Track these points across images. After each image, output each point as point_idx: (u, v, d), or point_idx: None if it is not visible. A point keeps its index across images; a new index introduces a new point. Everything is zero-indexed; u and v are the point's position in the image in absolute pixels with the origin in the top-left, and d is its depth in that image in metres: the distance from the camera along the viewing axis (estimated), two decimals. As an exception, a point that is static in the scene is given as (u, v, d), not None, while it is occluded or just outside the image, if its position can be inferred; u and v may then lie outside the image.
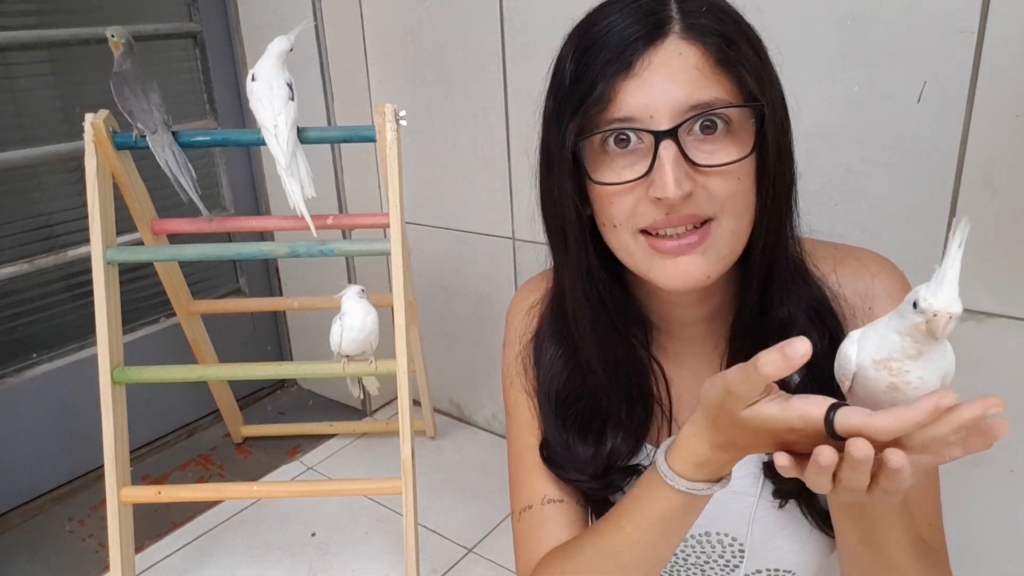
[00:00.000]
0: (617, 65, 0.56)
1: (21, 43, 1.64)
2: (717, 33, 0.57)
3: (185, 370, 1.52)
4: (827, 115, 1.22)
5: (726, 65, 0.57)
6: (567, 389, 0.72)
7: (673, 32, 0.56)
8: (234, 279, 2.15)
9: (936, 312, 0.44)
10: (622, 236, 0.61)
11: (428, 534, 1.60)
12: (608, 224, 0.61)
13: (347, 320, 1.40)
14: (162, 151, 1.34)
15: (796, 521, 0.71)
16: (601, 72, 0.56)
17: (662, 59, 0.56)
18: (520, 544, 0.76)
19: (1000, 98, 1.08)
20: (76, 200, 1.72)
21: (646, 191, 0.58)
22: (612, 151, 0.58)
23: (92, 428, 1.36)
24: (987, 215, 1.14)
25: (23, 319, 1.75)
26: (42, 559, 1.60)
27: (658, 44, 0.56)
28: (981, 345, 1.19)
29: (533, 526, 0.75)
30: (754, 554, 0.73)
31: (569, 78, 0.59)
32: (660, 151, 0.56)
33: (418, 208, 1.87)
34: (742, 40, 0.59)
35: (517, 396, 0.78)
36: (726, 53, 0.57)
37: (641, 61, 0.56)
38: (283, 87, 1.31)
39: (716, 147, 0.57)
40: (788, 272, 0.65)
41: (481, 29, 1.60)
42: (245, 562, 1.55)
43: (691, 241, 0.59)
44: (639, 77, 0.56)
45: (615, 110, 0.57)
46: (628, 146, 0.58)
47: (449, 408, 2.08)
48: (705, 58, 0.56)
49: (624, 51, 0.56)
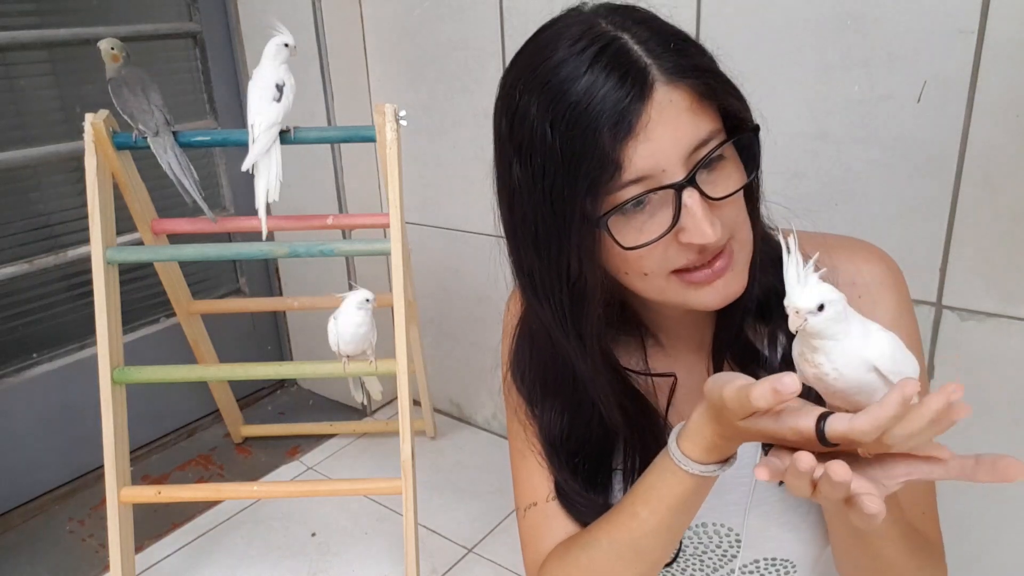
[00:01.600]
0: (618, 130, 0.54)
1: (21, 43, 1.64)
2: (692, 68, 0.57)
3: (185, 370, 1.53)
4: (827, 115, 1.22)
5: (710, 97, 0.57)
6: (573, 439, 0.73)
7: (658, 81, 0.55)
8: (234, 279, 2.15)
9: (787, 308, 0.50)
10: (654, 281, 0.61)
11: (428, 534, 1.60)
12: (636, 275, 0.61)
13: (340, 323, 1.40)
14: (164, 153, 1.34)
15: (792, 509, 0.72)
16: (606, 142, 0.55)
17: (658, 112, 0.55)
18: (527, 540, 0.77)
19: (1000, 98, 1.08)
20: (76, 200, 1.72)
21: (675, 238, 0.58)
22: (629, 211, 0.58)
23: (92, 428, 1.36)
24: (987, 215, 1.14)
25: (23, 319, 1.75)
26: (42, 559, 1.60)
27: (649, 99, 0.55)
28: (981, 345, 1.19)
29: (539, 522, 0.75)
30: (751, 543, 0.74)
31: (561, 150, 0.56)
32: (685, 200, 0.56)
33: (418, 208, 1.87)
34: (706, 61, 0.59)
35: (517, 395, 0.78)
36: (708, 86, 0.57)
37: (641, 121, 0.55)
38: (269, 88, 1.31)
39: (721, 176, 0.58)
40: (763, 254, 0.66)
41: (481, 29, 1.60)
42: (245, 562, 1.55)
43: (722, 265, 0.60)
44: (644, 137, 0.55)
45: (627, 174, 0.56)
46: (643, 203, 0.57)
47: (449, 408, 2.08)
48: (692, 97, 0.56)
49: (622, 115, 0.54)
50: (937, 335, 1.22)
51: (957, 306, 1.20)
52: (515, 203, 0.61)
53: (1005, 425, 1.18)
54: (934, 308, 1.22)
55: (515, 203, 0.61)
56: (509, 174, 0.60)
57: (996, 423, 1.17)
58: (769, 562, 0.75)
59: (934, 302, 1.22)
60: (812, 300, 0.49)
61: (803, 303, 0.49)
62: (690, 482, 0.60)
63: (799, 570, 0.76)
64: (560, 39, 0.57)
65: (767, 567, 0.76)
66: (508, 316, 0.80)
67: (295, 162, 1.87)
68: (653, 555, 0.66)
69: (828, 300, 0.49)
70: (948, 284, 1.20)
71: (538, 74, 0.57)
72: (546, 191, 0.58)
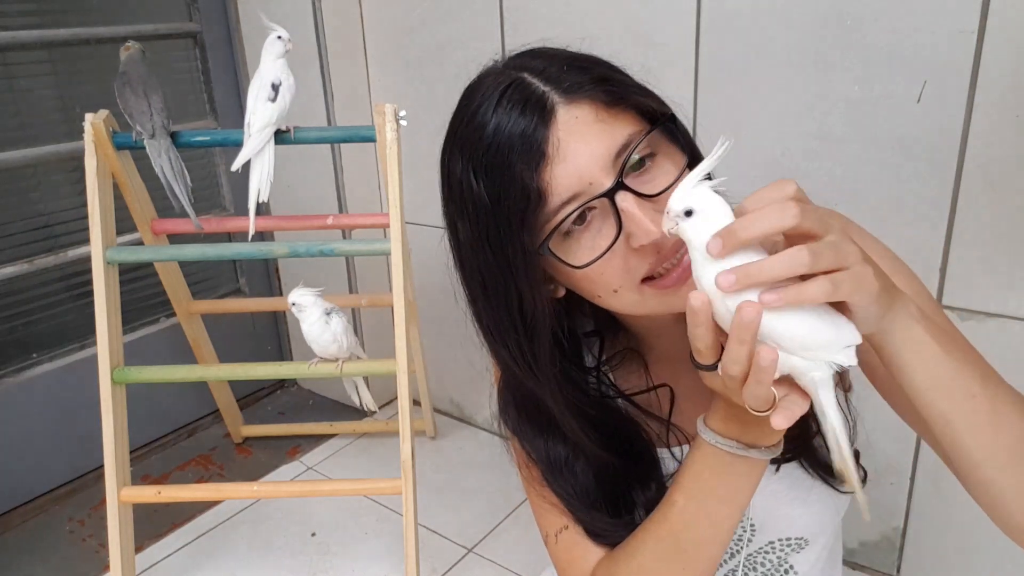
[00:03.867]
0: (531, 159, 0.56)
1: (21, 43, 1.64)
2: (589, 82, 0.58)
3: (185, 370, 1.53)
4: (827, 115, 1.22)
5: (618, 104, 0.58)
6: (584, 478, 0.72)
7: (558, 104, 0.57)
8: (234, 279, 2.15)
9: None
10: (627, 296, 0.61)
11: (428, 534, 1.60)
12: (606, 293, 0.61)
13: (304, 331, 1.41)
14: (158, 156, 1.34)
15: (798, 485, 0.72)
16: (522, 173, 0.56)
17: (566, 132, 0.56)
18: (565, 564, 0.76)
19: (1000, 98, 1.09)
20: (76, 200, 1.72)
21: (625, 246, 0.58)
22: (573, 231, 0.59)
23: (92, 428, 1.36)
24: (987, 215, 1.14)
25: (23, 319, 1.75)
26: (42, 559, 1.60)
27: (552, 122, 0.56)
28: (981, 345, 1.19)
29: (575, 543, 0.74)
30: (764, 526, 0.75)
31: (487, 194, 0.58)
32: (620, 205, 0.57)
33: (418, 208, 1.87)
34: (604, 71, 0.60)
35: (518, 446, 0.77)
36: (610, 93, 0.58)
37: (551, 144, 0.56)
38: (265, 87, 1.31)
39: (658, 173, 0.59)
40: None
41: (481, 29, 1.60)
42: (245, 562, 1.55)
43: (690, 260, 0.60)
44: (559, 158, 0.56)
45: (555, 199, 0.57)
46: (585, 220, 0.58)
47: (449, 408, 2.08)
48: (597, 108, 0.57)
49: (531, 144, 0.56)
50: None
51: (957, 306, 1.20)
52: (463, 257, 0.64)
53: (1005, 425, 1.17)
54: (934, 308, 1.22)
55: (463, 257, 0.64)
56: (455, 233, 0.63)
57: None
58: (784, 542, 0.76)
59: (934, 302, 1.22)
60: (680, 204, 0.49)
61: (672, 204, 0.49)
62: (714, 457, 0.60)
63: (811, 545, 0.77)
64: (473, 96, 0.61)
65: (782, 547, 0.76)
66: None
67: (295, 162, 1.88)
68: (697, 552, 0.64)
69: (698, 207, 0.48)
70: (948, 284, 1.20)
71: (458, 132, 0.61)
72: (484, 237, 0.59)
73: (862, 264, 0.46)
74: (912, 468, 1.32)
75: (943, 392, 0.51)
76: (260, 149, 1.32)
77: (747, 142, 1.29)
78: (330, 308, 1.42)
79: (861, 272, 0.46)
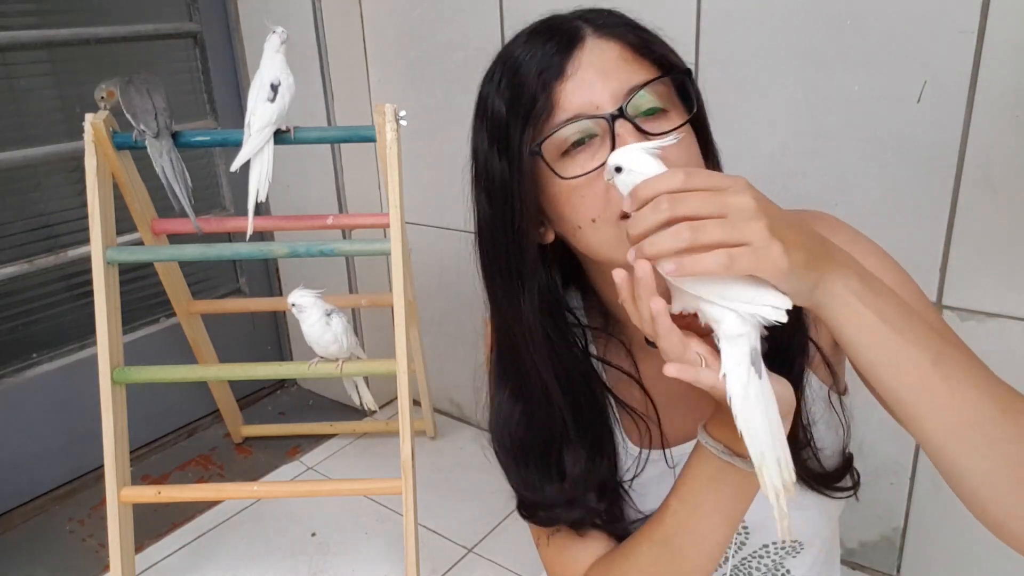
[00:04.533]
0: (550, 72, 0.60)
1: (21, 43, 1.64)
2: (626, 26, 0.62)
3: (185, 370, 1.53)
4: (827, 115, 1.22)
5: (645, 51, 0.61)
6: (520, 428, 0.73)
7: (588, 36, 0.61)
8: (234, 279, 2.15)
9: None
10: (603, 230, 0.62)
11: (428, 534, 1.60)
12: (586, 223, 0.62)
13: (305, 331, 1.42)
14: (159, 157, 1.34)
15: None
16: (538, 84, 0.60)
17: (588, 58, 0.60)
18: (555, 568, 0.76)
19: (1000, 98, 1.08)
20: (76, 200, 1.72)
21: None
22: (572, 153, 0.61)
23: (92, 428, 1.36)
24: (987, 215, 1.14)
25: (23, 319, 1.75)
26: (42, 559, 1.60)
27: (580, 47, 0.60)
28: (981, 345, 1.18)
29: (566, 545, 0.74)
30: (758, 528, 0.75)
31: (505, 101, 0.62)
32: (617, 130, 0.59)
33: (418, 208, 1.87)
34: (641, 29, 0.64)
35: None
36: (642, 40, 0.62)
37: (571, 64, 0.60)
38: (264, 87, 1.31)
39: (661, 123, 0.61)
40: None
41: (481, 29, 1.60)
42: (245, 562, 1.55)
43: None
44: (575, 77, 0.60)
45: (561, 113, 0.60)
46: (585, 144, 0.61)
47: (449, 408, 2.08)
48: (625, 49, 0.61)
49: (552, 61, 0.60)
50: (937, 335, 1.22)
51: (957, 306, 1.20)
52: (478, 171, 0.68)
53: (1005, 425, 1.17)
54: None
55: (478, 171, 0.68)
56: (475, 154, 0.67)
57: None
58: (779, 545, 0.76)
59: (934, 302, 1.22)
60: (613, 160, 0.53)
61: (609, 160, 0.54)
62: (707, 463, 0.61)
63: (807, 549, 0.77)
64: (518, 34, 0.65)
65: (776, 550, 0.76)
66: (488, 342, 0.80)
67: (295, 162, 1.88)
68: (689, 559, 0.64)
69: (627, 166, 0.53)
70: (948, 284, 1.20)
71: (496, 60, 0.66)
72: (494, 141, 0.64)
73: (767, 241, 0.47)
74: (912, 468, 1.32)
75: (891, 369, 0.52)
76: (260, 149, 1.32)
77: (747, 141, 1.29)
78: (330, 309, 1.42)
79: (763, 249, 0.47)
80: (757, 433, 0.52)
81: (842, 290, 0.51)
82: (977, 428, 0.52)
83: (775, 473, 0.52)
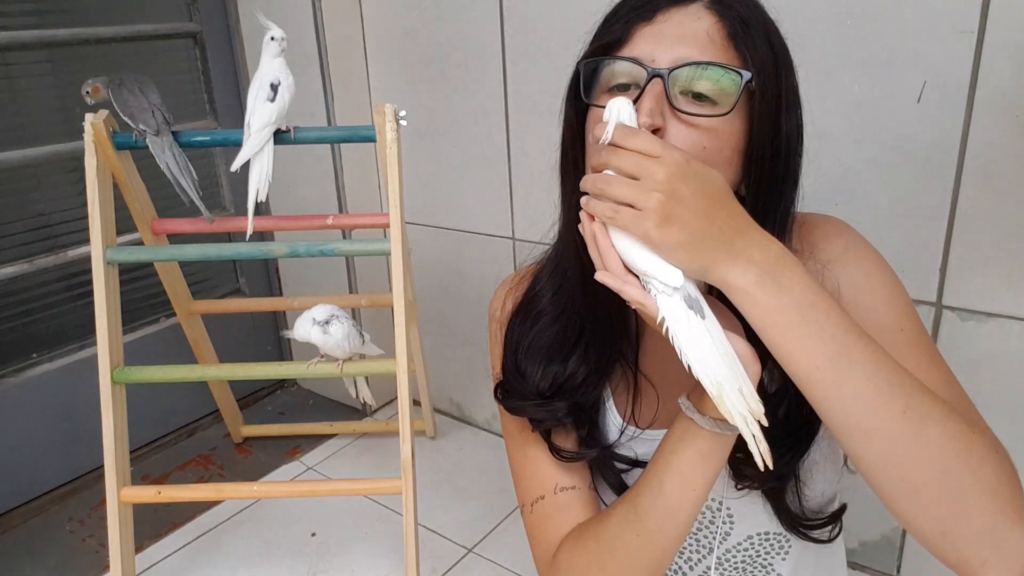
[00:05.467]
0: (640, 12, 0.62)
1: (21, 43, 1.64)
2: (738, 13, 0.61)
3: (185, 370, 1.52)
4: (827, 115, 1.22)
5: (736, 40, 0.61)
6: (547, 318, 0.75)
7: (700, 1, 0.61)
8: (234, 279, 2.15)
9: None
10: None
11: (428, 534, 1.60)
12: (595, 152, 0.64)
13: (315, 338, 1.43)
14: (163, 153, 1.34)
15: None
16: (626, 17, 0.62)
17: (680, 17, 0.61)
18: (536, 534, 0.77)
19: (1000, 98, 1.08)
20: (76, 200, 1.72)
21: None
22: (613, 92, 0.62)
23: (92, 428, 1.36)
24: (987, 215, 1.14)
25: (23, 319, 1.75)
26: (42, 559, 1.60)
27: (682, 6, 0.61)
28: (981, 345, 1.19)
29: (548, 515, 0.76)
30: (743, 517, 0.75)
31: (598, 27, 0.65)
32: (647, 86, 0.59)
33: (418, 208, 1.87)
34: (759, 28, 0.62)
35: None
36: (738, 30, 0.61)
37: (663, 14, 0.61)
38: (264, 87, 1.31)
39: (701, 108, 0.60)
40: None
41: (481, 29, 1.60)
42: (245, 562, 1.55)
43: None
44: (655, 27, 0.61)
45: (626, 50, 0.61)
46: (627, 90, 0.61)
47: (449, 408, 2.08)
48: (719, 28, 0.60)
49: (648, 4, 0.62)
50: (937, 335, 1.22)
51: (957, 306, 1.20)
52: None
53: (1005, 425, 1.17)
54: (934, 308, 1.22)
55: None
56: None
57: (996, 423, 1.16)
58: (763, 536, 0.76)
59: (934, 302, 1.22)
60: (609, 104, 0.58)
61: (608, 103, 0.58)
62: (679, 423, 0.63)
63: (795, 544, 0.77)
64: None
65: (761, 542, 0.76)
66: (494, 325, 0.82)
67: (295, 162, 1.88)
68: (653, 522, 0.65)
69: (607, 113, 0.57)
70: (948, 284, 1.20)
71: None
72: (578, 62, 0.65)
73: (649, 210, 0.53)
74: (912, 468, 1.32)
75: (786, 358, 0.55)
76: (260, 149, 1.32)
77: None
78: (327, 316, 1.42)
79: (641, 215, 0.53)
80: (708, 363, 0.54)
81: (739, 280, 0.54)
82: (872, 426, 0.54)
83: (738, 400, 0.54)
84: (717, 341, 0.55)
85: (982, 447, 0.55)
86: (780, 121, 0.64)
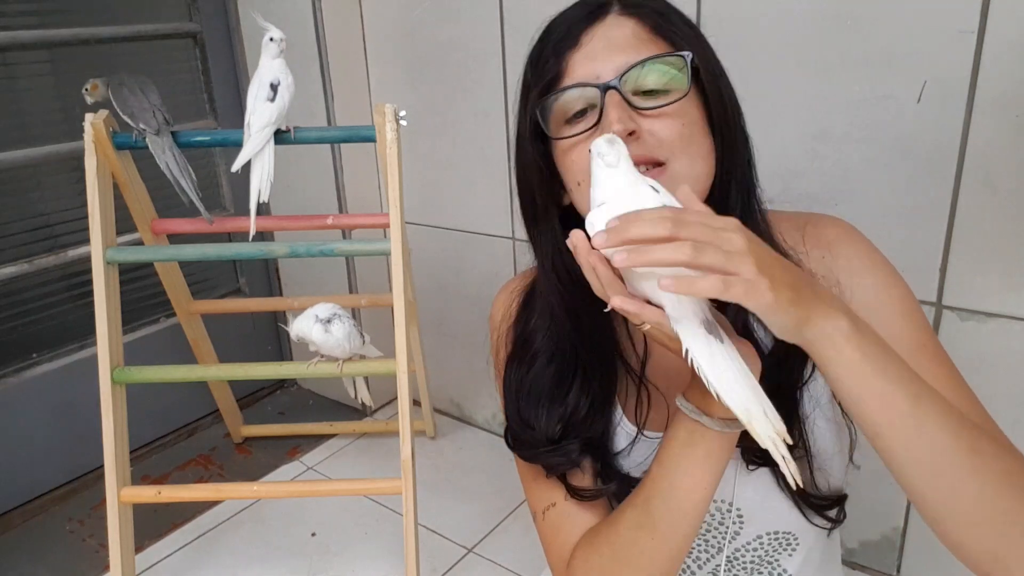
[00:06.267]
0: (566, 42, 0.64)
1: (21, 43, 1.64)
2: (651, 8, 0.65)
3: (185, 370, 1.52)
4: (827, 115, 1.22)
5: (660, 32, 0.65)
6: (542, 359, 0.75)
7: (612, 11, 0.65)
8: (234, 279, 2.15)
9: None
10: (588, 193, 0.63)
11: (428, 534, 1.60)
12: (573, 184, 0.66)
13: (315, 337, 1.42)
14: (163, 153, 1.34)
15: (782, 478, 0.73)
16: (554, 51, 0.65)
17: (603, 32, 0.64)
18: (550, 540, 0.77)
19: (1000, 98, 1.09)
20: (76, 200, 1.72)
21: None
22: (573, 121, 0.65)
23: (92, 428, 1.36)
24: (987, 215, 1.14)
25: (23, 319, 1.75)
26: (42, 559, 1.60)
27: (599, 21, 0.64)
28: (981, 345, 1.19)
29: (561, 521, 0.76)
30: (752, 518, 0.75)
31: (530, 66, 0.68)
32: (605, 100, 0.62)
33: (418, 208, 1.87)
34: (674, 15, 0.67)
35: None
36: (659, 23, 0.65)
37: (586, 35, 0.64)
38: (264, 87, 1.31)
39: (657, 101, 0.63)
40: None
41: (481, 29, 1.60)
42: (245, 562, 1.55)
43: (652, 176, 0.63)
44: (585, 48, 0.64)
45: (568, 80, 0.64)
46: (584, 115, 0.64)
47: (449, 408, 2.08)
48: (641, 27, 0.64)
49: (571, 30, 0.65)
50: (937, 335, 1.22)
51: (957, 306, 1.20)
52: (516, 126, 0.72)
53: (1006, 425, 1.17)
54: (934, 308, 1.22)
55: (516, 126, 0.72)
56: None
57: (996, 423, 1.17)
58: (772, 536, 0.76)
59: (934, 302, 1.22)
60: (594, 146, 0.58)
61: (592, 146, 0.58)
62: (681, 427, 0.63)
63: (801, 542, 0.77)
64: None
65: (770, 542, 0.76)
66: (494, 335, 0.83)
67: (295, 162, 1.88)
68: (664, 523, 0.65)
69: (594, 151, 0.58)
70: (948, 284, 1.20)
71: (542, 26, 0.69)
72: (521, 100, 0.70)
73: (756, 275, 0.50)
74: (912, 468, 1.32)
75: (871, 404, 0.55)
76: (260, 149, 1.32)
77: (747, 142, 1.29)
78: (329, 315, 1.42)
79: (753, 281, 0.50)
80: (735, 390, 0.54)
81: (832, 331, 0.53)
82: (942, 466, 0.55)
83: (765, 424, 0.54)
84: (736, 363, 0.55)
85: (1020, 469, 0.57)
86: (721, 86, 0.66)
